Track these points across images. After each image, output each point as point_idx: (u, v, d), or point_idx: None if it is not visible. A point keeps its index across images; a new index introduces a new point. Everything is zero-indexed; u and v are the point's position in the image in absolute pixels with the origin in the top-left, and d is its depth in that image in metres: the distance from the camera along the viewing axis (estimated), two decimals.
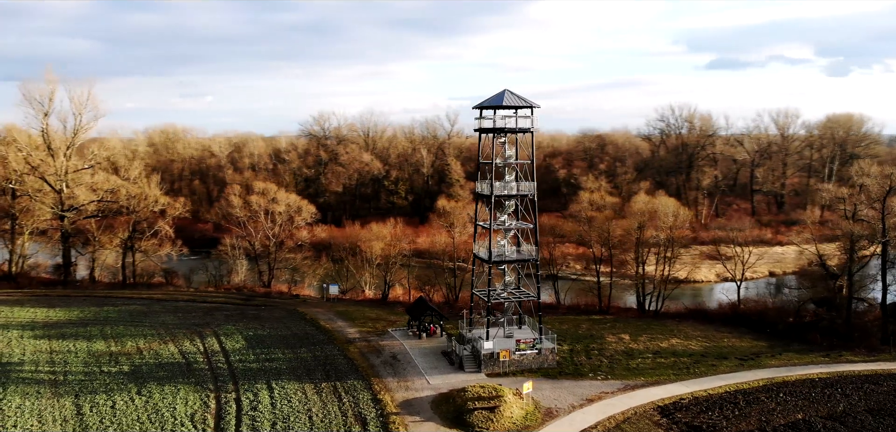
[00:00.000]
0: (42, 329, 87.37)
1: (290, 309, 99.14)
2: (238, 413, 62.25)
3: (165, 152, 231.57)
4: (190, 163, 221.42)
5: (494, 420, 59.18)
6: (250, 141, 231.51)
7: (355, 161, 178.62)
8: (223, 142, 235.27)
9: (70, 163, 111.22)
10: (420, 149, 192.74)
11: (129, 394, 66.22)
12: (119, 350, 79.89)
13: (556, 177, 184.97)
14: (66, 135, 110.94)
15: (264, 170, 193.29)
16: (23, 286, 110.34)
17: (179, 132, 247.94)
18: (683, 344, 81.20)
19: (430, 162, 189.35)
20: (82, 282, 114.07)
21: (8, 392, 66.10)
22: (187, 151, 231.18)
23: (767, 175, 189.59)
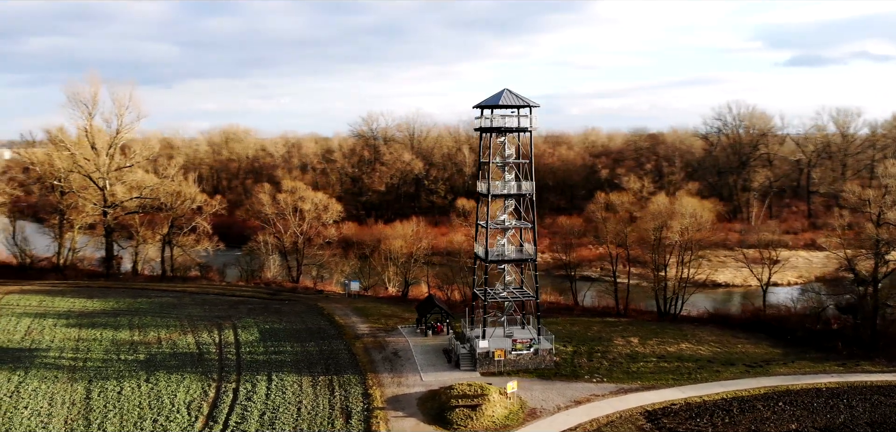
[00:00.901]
0: (76, 318, 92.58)
1: (312, 304, 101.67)
2: (232, 402, 64.60)
3: (226, 151, 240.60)
4: (246, 163, 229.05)
5: (474, 418, 59.43)
6: (304, 141, 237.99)
7: (398, 161, 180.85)
8: (279, 142, 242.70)
9: (112, 162, 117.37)
10: (463, 148, 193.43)
11: (137, 381, 69.65)
12: (140, 339, 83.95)
13: (598, 178, 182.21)
14: (109, 134, 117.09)
15: (313, 170, 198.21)
16: (69, 278, 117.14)
17: (240, 133, 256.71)
18: (693, 349, 79.11)
19: (473, 161, 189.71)
20: (125, 274, 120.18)
21: (29, 375, 70.63)
22: (245, 151, 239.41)
23: (825, 175, 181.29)
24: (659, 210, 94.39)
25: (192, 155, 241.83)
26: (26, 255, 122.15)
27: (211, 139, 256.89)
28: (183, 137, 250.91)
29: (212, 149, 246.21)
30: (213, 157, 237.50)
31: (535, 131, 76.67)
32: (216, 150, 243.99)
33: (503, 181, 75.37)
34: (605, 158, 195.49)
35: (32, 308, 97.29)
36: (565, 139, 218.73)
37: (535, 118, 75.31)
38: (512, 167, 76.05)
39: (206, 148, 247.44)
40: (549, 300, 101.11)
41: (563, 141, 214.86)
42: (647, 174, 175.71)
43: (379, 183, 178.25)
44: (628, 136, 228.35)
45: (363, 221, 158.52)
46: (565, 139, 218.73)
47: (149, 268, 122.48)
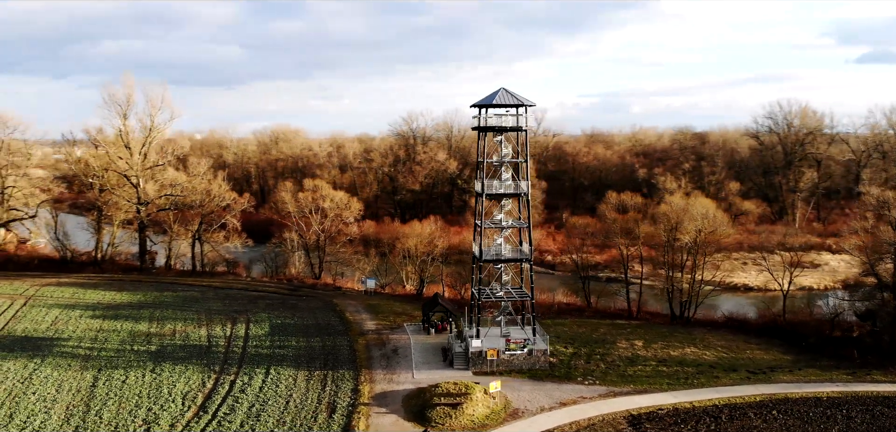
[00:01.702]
0: (101, 310, 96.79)
1: (327, 300, 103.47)
2: (227, 394, 66.55)
3: (275, 151, 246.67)
4: (291, 162, 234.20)
5: (453, 417, 59.58)
6: (347, 141, 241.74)
7: (432, 160, 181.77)
8: (324, 142, 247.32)
9: (145, 161, 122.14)
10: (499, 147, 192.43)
11: (143, 371, 72.46)
12: (157, 331, 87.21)
13: (636, 177, 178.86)
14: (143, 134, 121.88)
15: (351, 169, 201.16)
16: (105, 271, 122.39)
17: (289, 133, 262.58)
18: (697, 354, 77.10)
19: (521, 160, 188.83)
20: (158, 269, 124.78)
21: (45, 363, 74.37)
22: (292, 151, 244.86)
23: (876, 176, 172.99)
24: (667, 210, 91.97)
25: (240, 154, 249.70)
26: (67, 249, 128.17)
27: (260, 139, 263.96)
28: (232, 137, 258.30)
29: (260, 148, 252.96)
30: (260, 156, 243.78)
31: (530, 130, 76.34)
32: (264, 150, 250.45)
33: (500, 180, 75.10)
34: (644, 158, 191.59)
35: (64, 299, 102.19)
36: (604, 137, 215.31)
37: (530, 118, 74.88)
38: (508, 166, 75.68)
39: (254, 147, 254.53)
40: (561, 301, 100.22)
41: (602, 139, 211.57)
42: (685, 174, 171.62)
43: (413, 182, 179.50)
44: (675, 135, 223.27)
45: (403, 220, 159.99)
46: (604, 137, 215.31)
47: (180, 263, 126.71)
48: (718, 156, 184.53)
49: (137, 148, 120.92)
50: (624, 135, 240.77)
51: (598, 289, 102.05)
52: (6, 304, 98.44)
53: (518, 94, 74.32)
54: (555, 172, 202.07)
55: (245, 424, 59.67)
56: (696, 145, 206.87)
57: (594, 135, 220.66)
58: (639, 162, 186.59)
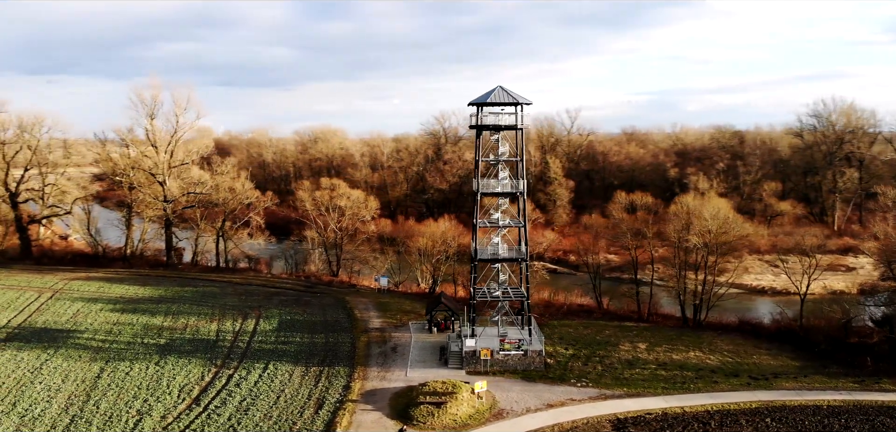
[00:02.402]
0: (123, 304, 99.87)
1: (340, 297, 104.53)
2: (222, 387, 67.95)
3: (313, 150, 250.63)
4: (325, 161, 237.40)
5: (436, 415, 59.51)
6: (382, 141, 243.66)
7: (459, 159, 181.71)
8: (357, 142, 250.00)
9: (172, 159, 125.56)
10: (530, 146, 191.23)
11: (148, 364, 74.53)
12: (170, 325, 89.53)
13: (668, 177, 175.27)
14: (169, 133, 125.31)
15: (382, 168, 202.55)
16: (133, 266, 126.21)
17: (328, 133, 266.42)
18: (701, 358, 75.18)
19: (539, 159, 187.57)
20: (184, 265, 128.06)
21: (57, 354, 77.21)
22: (330, 150, 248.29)
23: None
24: (676, 210, 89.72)
25: (279, 153, 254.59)
26: (99, 245, 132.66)
27: (298, 139, 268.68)
28: (271, 137, 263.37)
29: (298, 148, 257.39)
30: (297, 156, 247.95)
31: (526, 128, 75.71)
32: (303, 149, 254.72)
33: (497, 179, 74.67)
34: (677, 157, 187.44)
35: (89, 293, 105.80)
36: (640, 137, 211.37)
37: (526, 116, 74.21)
38: (505, 165, 75.17)
39: (292, 147, 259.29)
40: (572, 302, 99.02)
41: (637, 138, 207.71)
42: (719, 174, 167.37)
43: (441, 181, 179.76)
44: (714, 134, 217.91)
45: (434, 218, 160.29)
46: (640, 137, 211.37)
47: (207, 259, 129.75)
48: (755, 156, 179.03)
49: (163, 147, 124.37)
50: (663, 134, 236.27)
51: (612, 291, 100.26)
52: (34, 297, 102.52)
53: (514, 93, 73.68)
54: (588, 171, 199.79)
55: (232, 418, 60.79)
56: (735, 144, 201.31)
57: (632, 133, 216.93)
58: (671, 161, 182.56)
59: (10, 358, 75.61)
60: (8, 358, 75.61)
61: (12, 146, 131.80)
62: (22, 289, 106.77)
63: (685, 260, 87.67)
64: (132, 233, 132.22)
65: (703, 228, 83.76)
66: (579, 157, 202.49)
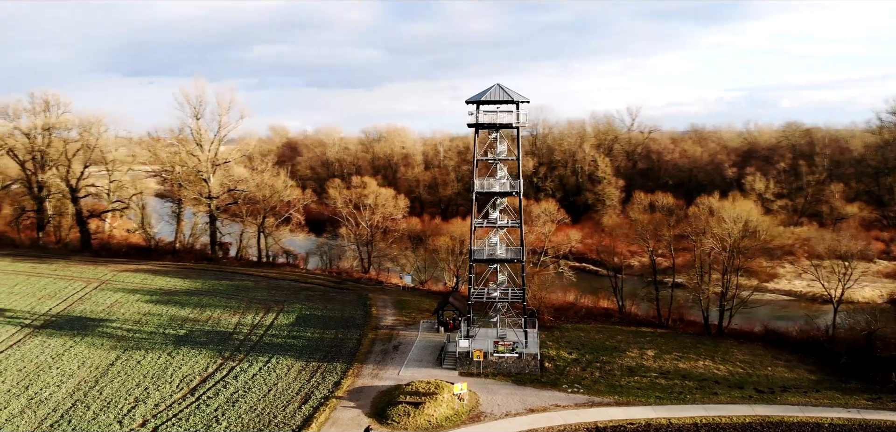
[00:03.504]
0: (158, 295, 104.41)
1: (364, 294, 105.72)
2: (220, 379, 70.09)
3: (378, 148, 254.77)
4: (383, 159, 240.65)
5: (412, 416, 59.31)
6: (441, 139, 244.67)
7: None
8: (418, 141, 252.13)
9: (216, 158, 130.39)
10: (585, 145, 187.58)
11: (160, 353, 77.70)
12: (195, 317, 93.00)
13: (724, 177, 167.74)
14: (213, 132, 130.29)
15: (433, 166, 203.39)
16: (181, 260, 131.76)
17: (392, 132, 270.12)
18: (709, 368, 71.71)
19: (592, 158, 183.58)
20: (227, 259, 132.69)
21: (82, 342, 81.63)
22: (390, 149, 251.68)
23: None
24: (695, 212, 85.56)
25: (342, 152, 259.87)
26: (152, 238, 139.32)
27: (364, 138, 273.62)
28: (334, 136, 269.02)
29: (361, 146, 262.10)
30: (360, 155, 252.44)
31: (523, 127, 74.28)
32: (366, 148, 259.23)
33: (496, 178, 73.64)
34: (735, 156, 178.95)
35: (131, 285, 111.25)
36: (702, 134, 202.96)
37: (523, 114, 72.88)
38: (503, 164, 74.02)
39: (356, 145, 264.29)
40: (595, 305, 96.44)
41: (693, 137, 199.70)
42: (780, 174, 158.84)
43: None
44: (782, 132, 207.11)
45: None
46: (702, 134, 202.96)
47: (250, 254, 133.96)
48: (824, 155, 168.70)
49: (208, 145, 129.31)
50: (733, 132, 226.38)
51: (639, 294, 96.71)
52: (81, 287, 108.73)
53: (513, 91, 72.46)
54: (646, 170, 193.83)
55: (220, 409, 62.61)
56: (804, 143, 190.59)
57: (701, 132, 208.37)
58: (730, 161, 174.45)
59: (39, 344, 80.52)
60: (37, 344, 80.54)
61: (73, 145, 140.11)
62: (72, 280, 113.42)
63: (707, 264, 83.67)
64: (182, 228, 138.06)
65: (722, 232, 79.64)
66: (638, 156, 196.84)
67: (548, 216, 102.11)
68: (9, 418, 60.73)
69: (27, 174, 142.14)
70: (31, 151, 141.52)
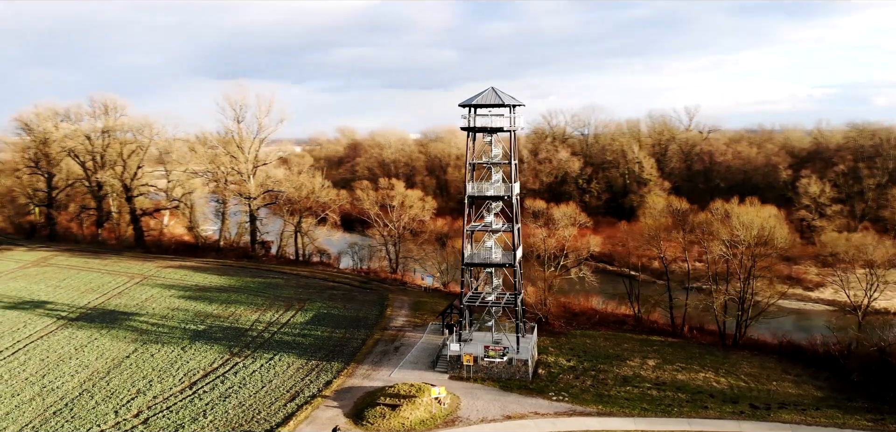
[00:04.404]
0: (191, 292, 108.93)
1: (385, 294, 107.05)
2: (221, 374, 72.70)
3: (432, 149, 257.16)
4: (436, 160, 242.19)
5: (387, 418, 59.90)
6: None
7: (552, 158, 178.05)
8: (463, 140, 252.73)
9: (257, 159, 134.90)
10: (634, 145, 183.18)
11: (174, 347, 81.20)
12: (218, 313, 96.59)
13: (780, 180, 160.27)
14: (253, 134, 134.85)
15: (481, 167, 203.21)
16: (223, 257, 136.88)
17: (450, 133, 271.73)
18: (709, 380, 69.08)
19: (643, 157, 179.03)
20: (266, 257, 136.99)
21: (107, 334, 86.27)
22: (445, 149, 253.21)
23: None
24: (707, 219, 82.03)
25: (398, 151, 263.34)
26: (199, 236, 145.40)
27: (421, 140, 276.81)
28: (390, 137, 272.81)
29: (416, 146, 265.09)
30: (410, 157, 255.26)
31: (519, 130, 73.61)
32: (422, 149, 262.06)
33: (490, 182, 73.30)
34: (791, 158, 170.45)
35: (170, 280, 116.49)
36: (753, 135, 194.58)
37: (518, 118, 72.23)
38: (498, 168, 73.55)
39: (412, 146, 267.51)
40: (612, 311, 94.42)
41: (748, 137, 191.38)
42: (839, 177, 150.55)
43: (534, 181, 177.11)
44: (847, 132, 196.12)
45: None
46: (753, 135, 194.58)
47: (289, 253, 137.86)
48: (889, 157, 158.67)
49: (248, 147, 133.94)
50: (801, 132, 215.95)
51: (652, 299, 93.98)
52: (122, 282, 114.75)
53: (507, 94, 71.92)
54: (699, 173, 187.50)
55: (210, 403, 64.97)
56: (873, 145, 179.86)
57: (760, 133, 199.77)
58: (785, 163, 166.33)
59: (67, 336, 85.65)
60: (66, 336, 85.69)
61: (129, 146, 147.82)
62: (118, 275, 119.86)
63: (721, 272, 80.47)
64: (227, 226, 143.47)
65: (733, 238, 76.39)
66: (694, 158, 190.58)
67: (568, 219, 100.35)
68: (18, 404, 65.01)
69: (87, 173, 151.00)
70: (91, 152, 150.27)
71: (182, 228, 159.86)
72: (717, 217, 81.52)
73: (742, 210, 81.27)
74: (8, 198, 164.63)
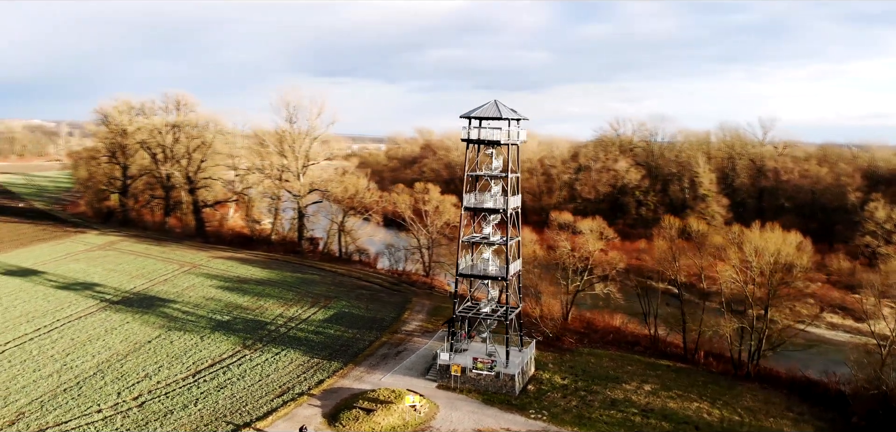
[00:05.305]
0: (231, 283, 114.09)
1: (410, 296, 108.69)
2: (225, 366, 76.24)
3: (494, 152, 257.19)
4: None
5: (360, 421, 61.31)
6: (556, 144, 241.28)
7: (609, 168, 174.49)
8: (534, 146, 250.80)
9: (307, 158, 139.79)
10: (699, 156, 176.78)
11: (194, 336, 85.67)
12: (248, 306, 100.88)
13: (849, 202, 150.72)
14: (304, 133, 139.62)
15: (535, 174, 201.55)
16: (272, 251, 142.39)
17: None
18: (700, 411, 66.49)
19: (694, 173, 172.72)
20: (312, 252, 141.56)
21: (139, 318, 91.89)
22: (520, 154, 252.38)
23: None
24: (720, 242, 78.34)
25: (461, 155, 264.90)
26: (254, 230, 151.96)
27: None
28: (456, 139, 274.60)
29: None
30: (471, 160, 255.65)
31: (520, 144, 73.27)
32: None
33: (489, 194, 73.36)
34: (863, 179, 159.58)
35: (215, 270, 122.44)
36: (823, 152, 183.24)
37: (522, 132, 71.94)
38: (498, 181, 73.45)
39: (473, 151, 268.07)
40: (622, 328, 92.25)
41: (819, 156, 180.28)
42: None
43: (589, 190, 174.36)
44: None
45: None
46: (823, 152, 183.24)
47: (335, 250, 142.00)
48: None
49: (298, 146, 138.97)
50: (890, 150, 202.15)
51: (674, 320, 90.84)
52: (172, 270, 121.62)
53: (509, 108, 71.86)
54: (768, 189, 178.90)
55: (204, 393, 68.41)
56: None
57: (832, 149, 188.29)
58: (855, 184, 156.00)
59: (103, 318, 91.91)
60: (102, 318, 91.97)
61: (195, 141, 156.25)
62: (170, 262, 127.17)
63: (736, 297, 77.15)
64: (279, 221, 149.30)
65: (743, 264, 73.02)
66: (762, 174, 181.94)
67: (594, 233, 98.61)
68: (36, 379, 70.59)
69: (157, 164, 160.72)
70: (161, 145, 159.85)
71: (242, 221, 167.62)
72: (731, 240, 77.98)
73: (756, 234, 77.38)
74: (89, 184, 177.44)
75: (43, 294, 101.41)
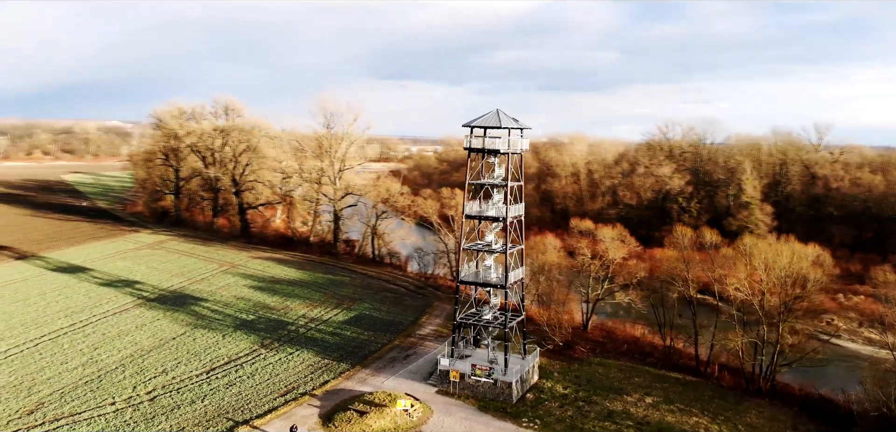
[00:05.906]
0: (263, 283, 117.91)
1: (431, 301, 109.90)
2: (238, 364, 79.23)
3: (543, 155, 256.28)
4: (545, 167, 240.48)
5: (353, 423, 62.92)
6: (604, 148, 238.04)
7: (651, 174, 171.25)
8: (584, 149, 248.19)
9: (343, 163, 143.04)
10: (745, 163, 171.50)
11: (215, 334, 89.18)
12: (274, 306, 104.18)
13: None
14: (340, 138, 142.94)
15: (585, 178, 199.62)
16: (309, 252, 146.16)
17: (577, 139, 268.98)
18: (700, 426, 65.17)
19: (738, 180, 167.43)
20: (351, 254, 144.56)
21: (169, 315, 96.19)
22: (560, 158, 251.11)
23: None
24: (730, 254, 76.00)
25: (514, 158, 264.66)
26: (296, 232, 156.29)
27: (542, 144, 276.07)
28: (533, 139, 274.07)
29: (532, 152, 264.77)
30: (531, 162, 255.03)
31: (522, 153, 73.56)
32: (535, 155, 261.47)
33: (491, 202, 73.84)
34: None
35: (251, 270, 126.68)
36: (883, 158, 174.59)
37: (524, 141, 72.26)
38: (500, 189, 73.81)
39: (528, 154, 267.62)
40: (640, 338, 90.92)
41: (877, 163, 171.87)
42: None
43: (630, 196, 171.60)
44: None
45: None
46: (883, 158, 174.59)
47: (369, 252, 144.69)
48: None
49: (334, 150, 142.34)
50: None
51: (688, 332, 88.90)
52: (210, 269, 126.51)
53: (511, 117, 72.20)
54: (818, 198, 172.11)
55: (214, 388, 71.43)
56: None
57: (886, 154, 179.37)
58: None
59: (136, 315, 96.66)
60: (135, 315, 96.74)
61: (241, 145, 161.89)
62: (210, 261, 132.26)
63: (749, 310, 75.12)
64: (317, 222, 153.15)
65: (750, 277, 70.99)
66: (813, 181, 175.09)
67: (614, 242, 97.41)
68: (62, 372, 75.08)
69: (206, 165, 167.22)
70: (210, 149, 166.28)
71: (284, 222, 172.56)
72: (741, 252, 75.89)
73: (766, 246, 75.04)
74: (146, 184, 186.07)
75: (85, 290, 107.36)
